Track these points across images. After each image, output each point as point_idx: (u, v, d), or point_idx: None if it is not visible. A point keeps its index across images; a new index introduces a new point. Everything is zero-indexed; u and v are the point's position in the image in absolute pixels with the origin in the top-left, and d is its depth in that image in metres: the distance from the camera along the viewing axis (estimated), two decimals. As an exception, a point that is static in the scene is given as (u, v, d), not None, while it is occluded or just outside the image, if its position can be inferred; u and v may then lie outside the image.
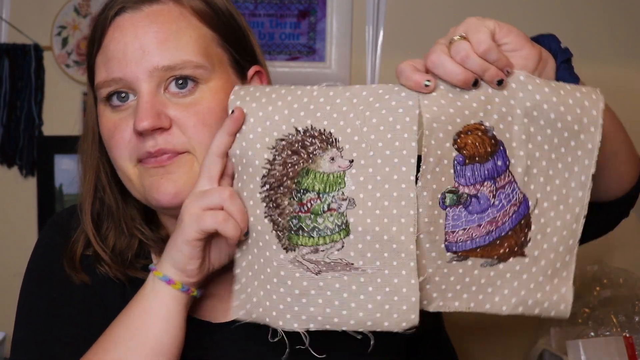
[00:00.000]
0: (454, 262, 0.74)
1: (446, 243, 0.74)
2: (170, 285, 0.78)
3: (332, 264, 0.73)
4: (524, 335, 1.89)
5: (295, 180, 0.74)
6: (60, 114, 1.96)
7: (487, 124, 0.72)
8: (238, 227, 0.74)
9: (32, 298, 0.92)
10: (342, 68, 1.89)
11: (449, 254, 0.74)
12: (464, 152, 0.72)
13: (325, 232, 0.73)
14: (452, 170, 0.73)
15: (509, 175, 0.73)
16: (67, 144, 1.95)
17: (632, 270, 1.79)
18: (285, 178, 0.74)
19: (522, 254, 0.74)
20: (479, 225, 0.73)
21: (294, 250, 0.74)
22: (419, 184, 0.71)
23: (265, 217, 0.75)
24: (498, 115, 0.72)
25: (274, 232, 0.75)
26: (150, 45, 0.82)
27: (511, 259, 0.74)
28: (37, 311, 0.90)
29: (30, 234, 1.96)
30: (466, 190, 0.73)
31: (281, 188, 0.74)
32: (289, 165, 0.74)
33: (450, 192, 0.73)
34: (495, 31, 0.71)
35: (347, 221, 0.72)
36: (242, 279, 0.77)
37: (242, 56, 0.91)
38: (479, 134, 0.72)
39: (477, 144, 0.72)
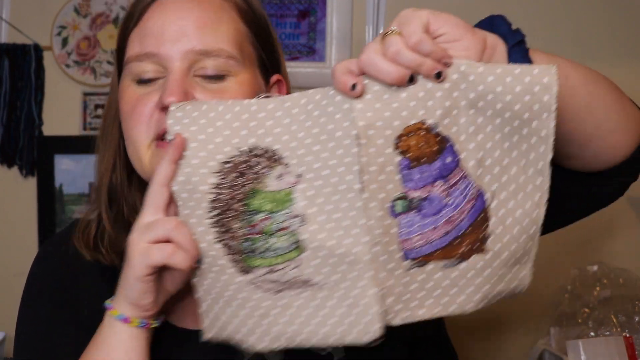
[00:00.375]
0: (414, 270, 0.71)
1: (403, 252, 0.71)
2: (127, 323, 0.77)
3: (291, 282, 0.72)
4: (524, 335, 1.89)
5: (244, 202, 0.72)
6: (60, 114, 1.96)
7: (430, 121, 0.68)
8: (188, 257, 0.72)
9: (31, 310, 0.92)
10: (342, 68, 1.89)
11: (407, 262, 0.71)
12: (409, 155, 0.69)
13: (279, 252, 0.72)
14: (398, 176, 0.69)
15: (461, 171, 0.70)
16: (67, 144, 1.96)
17: (632, 270, 1.79)
18: (233, 201, 0.72)
19: (484, 250, 0.71)
20: (435, 228, 0.70)
21: (251, 272, 0.73)
22: (365, 195, 0.68)
23: (217, 242, 0.73)
24: (442, 110, 0.68)
25: (228, 256, 0.73)
26: (189, 28, 0.84)
27: (473, 256, 0.71)
28: (38, 320, 0.91)
29: (30, 234, 1.96)
30: (417, 194, 0.70)
31: (230, 211, 0.73)
32: (237, 187, 0.72)
33: (399, 198, 0.70)
34: (429, 22, 0.66)
35: (300, 238, 0.71)
36: (205, 302, 0.76)
37: (269, 60, 0.93)
38: (422, 133, 0.68)
39: (421, 144, 0.69)
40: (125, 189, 0.93)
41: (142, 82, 0.85)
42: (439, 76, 0.66)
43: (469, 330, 1.86)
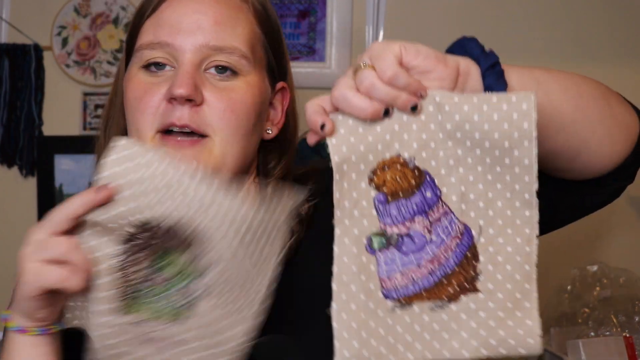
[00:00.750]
0: (398, 311, 0.66)
1: (384, 291, 0.66)
2: (25, 334, 0.75)
3: (156, 336, 0.72)
4: (524, 335, 1.89)
5: (152, 259, 0.72)
6: (60, 114, 1.96)
7: (405, 155, 0.66)
8: (83, 279, 0.70)
9: None
10: (342, 68, 1.89)
11: (389, 302, 0.66)
12: (384, 189, 0.66)
13: (167, 307, 0.71)
14: (374, 212, 0.66)
15: (442, 206, 0.67)
16: (67, 144, 1.96)
17: (632, 270, 1.79)
18: (142, 258, 0.72)
19: (475, 290, 0.67)
20: (419, 266, 0.66)
21: (132, 315, 0.72)
22: (337, 231, 0.65)
23: (117, 270, 0.72)
24: (418, 143, 0.66)
25: (114, 290, 0.72)
26: (206, 23, 0.84)
27: (463, 297, 0.66)
28: None
29: (30, 234, 1.96)
30: (395, 230, 0.66)
31: (137, 263, 0.72)
32: (148, 250, 0.72)
33: (376, 234, 0.66)
34: (401, 55, 0.64)
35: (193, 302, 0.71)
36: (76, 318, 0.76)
37: (277, 66, 0.93)
38: (398, 167, 0.66)
39: (397, 178, 0.66)
40: None
41: (151, 68, 0.85)
42: (414, 109, 0.64)
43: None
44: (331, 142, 0.65)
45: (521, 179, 0.66)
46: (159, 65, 0.85)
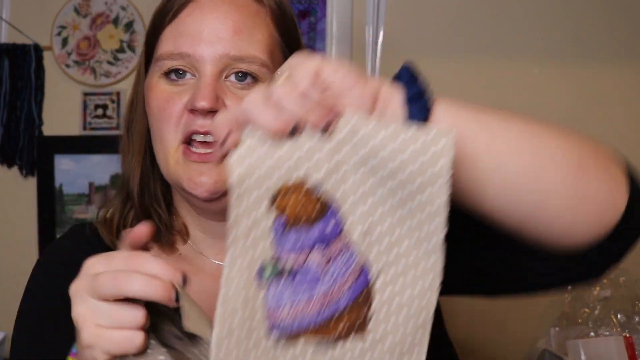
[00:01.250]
0: (283, 344, 0.62)
1: (271, 322, 0.61)
2: None
3: None
4: (524, 335, 1.89)
5: None
6: (60, 114, 1.96)
7: (312, 179, 0.60)
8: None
9: (31, 306, 0.92)
10: (342, 68, 1.89)
11: (275, 334, 0.61)
12: (285, 214, 0.60)
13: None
14: (271, 237, 0.61)
15: (344, 240, 0.61)
16: (67, 144, 1.96)
17: (632, 270, 1.79)
18: None
19: (365, 331, 0.62)
20: (309, 301, 0.61)
21: None
22: (231, 251, 0.60)
23: None
24: (328, 167, 0.60)
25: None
26: (226, 33, 0.84)
27: (352, 338, 0.62)
28: (37, 317, 0.90)
29: (30, 234, 1.96)
30: (290, 260, 0.61)
31: None
32: None
33: (269, 262, 0.61)
34: (319, 70, 0.59)
35: None
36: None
37: None
38: (302, 192, 0.60)
39: (300, 204, 0.60)
40: (151, 185, 0.94)
41: (171, 76, 0.86)
42: (326, 128, 0.59)
43: (469, 330, 1.86)
44: (234, 155, 0.59)
45: (430, 222, 0.60)
46: (180, 73, 0.86)
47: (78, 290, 0.63)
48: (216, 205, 0.86)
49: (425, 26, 1.89)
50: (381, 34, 1.90)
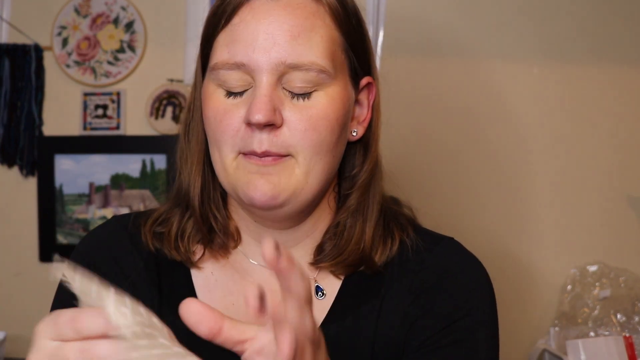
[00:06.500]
0: None
1: None
2: None
3: None
4: (524, 335, 1.89)
5: None
6: (60, 114, 1.96)
7: None
8: None
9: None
10: (342, 68, 1.89)
11: None
12: None
13: None
14: None
15: None
16: (67, 144, 1.96)
17: (632, 270, 1.79)
18: None
19: None
20: None
21: None
22: None
23: None
24: None
25: None
26: (282, 38, 0.80)
27: None
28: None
29: (30, 234, 1.96)
30: None
31: None
32: None
33: None
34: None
35: None
36: None
37: (360, 65, 0.88)
38: None
39: None
40: (211, 189, 0.91)
41: (229, 92, 0.83)
42: None
43: (469, 330, 1.86)
44: None
45: None
46: (237, 86, 0.83)
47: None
48: (275, 213, 0.84)
49: (425, 26, 1.89)
50: (381, 34, 1.90)
